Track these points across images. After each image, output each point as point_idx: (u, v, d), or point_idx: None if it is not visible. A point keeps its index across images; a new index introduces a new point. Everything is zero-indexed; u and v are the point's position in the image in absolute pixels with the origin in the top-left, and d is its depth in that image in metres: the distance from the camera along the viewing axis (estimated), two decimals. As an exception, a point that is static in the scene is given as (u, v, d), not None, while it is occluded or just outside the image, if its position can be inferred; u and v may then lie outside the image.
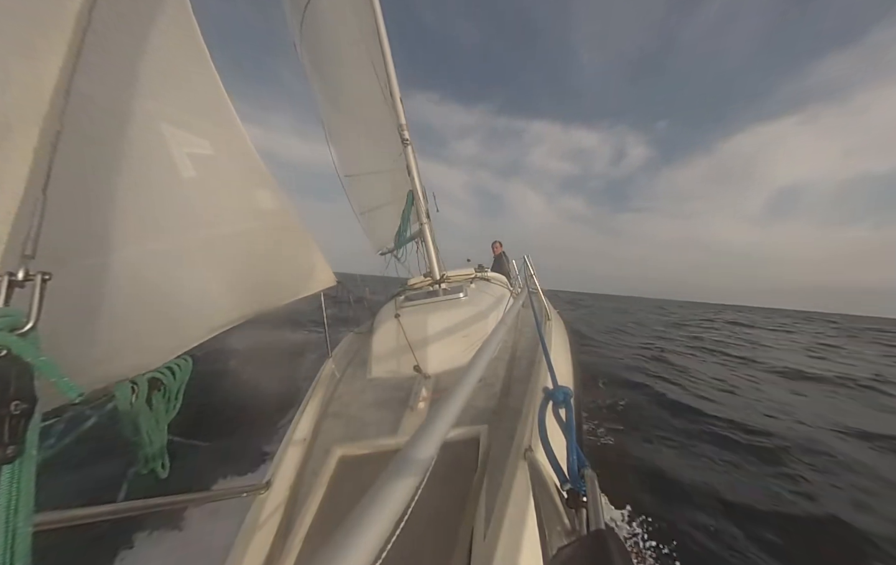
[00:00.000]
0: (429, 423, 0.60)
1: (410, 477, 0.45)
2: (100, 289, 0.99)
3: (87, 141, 0.93)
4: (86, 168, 0.93)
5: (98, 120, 0.96)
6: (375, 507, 0.40)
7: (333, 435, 1.89)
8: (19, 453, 0.57)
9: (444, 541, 1.13)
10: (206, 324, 1.32)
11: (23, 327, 0.63)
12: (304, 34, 4.25)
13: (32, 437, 0.59)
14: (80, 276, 0.93)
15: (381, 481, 0.44)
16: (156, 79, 1.11)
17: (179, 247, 1.20)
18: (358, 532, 0.36)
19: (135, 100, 1.06)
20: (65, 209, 0.87)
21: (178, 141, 1.18)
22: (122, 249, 1.03)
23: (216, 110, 1.32)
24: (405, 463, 0.47)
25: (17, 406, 0.57)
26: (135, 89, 1.06)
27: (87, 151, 0.94)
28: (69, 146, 0.81)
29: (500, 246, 6.30)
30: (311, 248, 1.89)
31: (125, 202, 1.03)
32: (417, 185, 3.29)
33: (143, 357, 1.12)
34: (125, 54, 1.03)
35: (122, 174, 1.02)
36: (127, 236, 1.04)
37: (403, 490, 0.43)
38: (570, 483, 0.71)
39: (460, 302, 2.82)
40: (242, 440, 3.66)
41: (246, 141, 1.42)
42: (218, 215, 1.34)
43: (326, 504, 1.44)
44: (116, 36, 0.99)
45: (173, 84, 1.17)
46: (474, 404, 1.87)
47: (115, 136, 1.00)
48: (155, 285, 1.12)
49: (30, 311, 0.65)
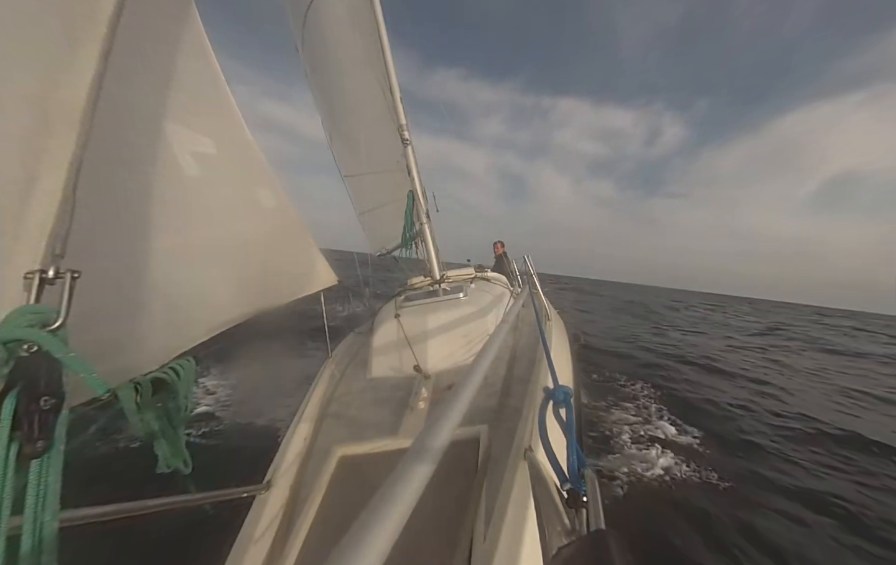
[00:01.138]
0: (434, 424, 0.59)
1: (417, 478, 0.45)
2: (99, 289, 0.99)
3: (104, 144, 0.93)
4: (98, 170, 0.94)
5: (107, 122, 0.96)
6: (385, 510, 0.39)
7: (333, 436, 1.89)
8: (48, 448, 0.58)
9: (444, 541, 1.13)
10: (205, 324, 1.32)
11: (53, 324, 0.64)
12: (306, 36, 4.26)
13: (60, 432, 0.60)
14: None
15: (389, 483, 0.44)
16: (159, 77, 1.11)
17: (180, 246, 1.20)
18: (368, 536, 0.36)
19: (139, 98, 1.06)
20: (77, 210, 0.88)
21: (182, 139, 1.18)
22: (122, 248, 1.03)
23: (219, 108, 1.32)
24: (412, 465, 0.47)
25: (46, 401, 0.58)
26: (140, 88, 1.06)
27: (101, 153, 0.94)
28: (93, 150, 0.82)
29: (501, 246, 6.32)
30: (312, 248, 1.89)
31: (127, 202, 1.03)
32: (417, 185, 3.29)
33: (142, 357, 1.12)
34: (130, 54, 1.03)
35: (126, 174, 1.02)
36: (128, 236, 1.04)
37: (411, 492, 0.43)
38: (571, 483, 0.71)
39: (460, 302, 2.82)
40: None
41: (249, 139, 1.42)
42: (220, 214, 1.35)
43: (326, 504, 1.44)
44: (123, 37, 1.00)
45: (176, 81, 1.17)
46: (474, 404, 1.86)
47: (118, 135, 1.01)
48: (155, 284, 1.12)
49: (59, 309, 0.66)
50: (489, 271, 4.51)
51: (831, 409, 6.01)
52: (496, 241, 6.39)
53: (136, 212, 1.06)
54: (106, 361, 1.03)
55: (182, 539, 2.42)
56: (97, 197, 0.96)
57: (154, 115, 1.10)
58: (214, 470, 3.09)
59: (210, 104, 1.30)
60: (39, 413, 0.57)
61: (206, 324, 1.32)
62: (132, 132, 1.04)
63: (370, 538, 0.36)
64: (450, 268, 3.64)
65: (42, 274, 0.67)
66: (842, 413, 5.88)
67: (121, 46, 0.87)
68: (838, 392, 7.14)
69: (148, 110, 1.08)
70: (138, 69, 1.05)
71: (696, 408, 5.44)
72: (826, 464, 4.11)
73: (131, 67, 1.03)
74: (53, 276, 0.68)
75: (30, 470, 0.56)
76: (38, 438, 0.57)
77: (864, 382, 8.07)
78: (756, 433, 4.76)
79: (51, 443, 0.58)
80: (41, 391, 0.58)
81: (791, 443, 4.55)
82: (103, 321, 1.00)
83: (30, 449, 0.56)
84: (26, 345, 0.60)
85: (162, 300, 1.16)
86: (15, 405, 0.55)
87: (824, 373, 8.94)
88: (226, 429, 3.93)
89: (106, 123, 0.94)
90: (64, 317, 0.66)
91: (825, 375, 8.64)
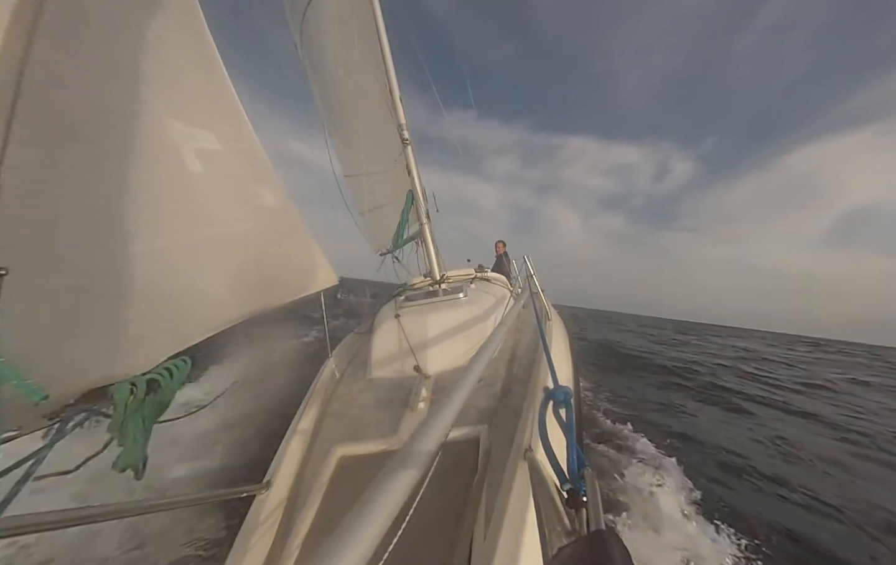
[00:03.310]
0: (427, 423, 0.60)
1: (408, 476, 0.45)
2: (98, 287, 0.99)
3: (89, 137, 0.93)
4: (85, 165, 0.93)
5: (101, 115, 0.95)
6: (372, 507, 0.40)
7: (333, 435, 1.89)
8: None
9: (444, 541, 1.13)
10: (204, 324, 1.32)
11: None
12: (305, 34, 4.26)
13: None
14: (77, 274, 0.93)
15: (378, 481, 0.44)
16: (161, 72, 1.11)
17: (181, 244, 1.20)
18: (354, 532, 0.36)
19: (140, 94, 1.05)
20: (59, 205, 0.87)
21: (184, 136, 1.17)
22: (122, 247, 1.02)
23: (223, 105, 1.31)
24: (403, 463, 0.47)
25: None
26: (141, 83, 1.05)
27: (91, 147, 0.93)
28: (76, 144, 0.81)
29: (502, 245, 6.29)
30: (313, 248, 1.89)
31: (127, 198, 1.03)
32: (417, 185, 3.29)
33: (141, 356, 1.12)
34: (131, 50, 1.03)
35: (125, 170, 1.02)
36: (128, 233, 1.04)
37: (400, 489, 0.43)
38: (570, 483, 0.71)
39: (460, 302, 2.82)
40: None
41: (252, 136, 1.41)
42: (221, 213, 1.34)
43: (326, 504, 1.44)
44: (124, 32, 0.99)
45: (176, 76, 1.16)
46: (474, 404, 1.87)
47: (117, 131, 1.00)
48: (155, 283, 1.12)
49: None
50: (489, 271, 4.51)
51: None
52: (498, 241, 6.37)
53: (138, 210, 1.06)
54: (106, 360, 1.03)
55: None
56: (95, 194, 0.96)
57: (151, 110, 1.08)
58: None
59: (211, 99, 1.28)
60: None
61: (205, 323, 1.32)
62: (129, 127, 1.03)
63: (356, 536, 0.36)
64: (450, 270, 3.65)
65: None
66: None
67: (116, 41, 0.86)
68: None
69: (144, 105, 1.06)
70: (133, 62, 1.04)
71: None
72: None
73: (124, 61, 1.02)
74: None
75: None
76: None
77: None
78: None
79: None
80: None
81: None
82: (99, 321, 1.00)
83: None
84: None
85: (159, 299, 1.15)
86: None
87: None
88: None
89: (93, 118, 0.93)
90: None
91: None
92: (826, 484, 4.14)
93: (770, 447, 5.10)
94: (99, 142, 0.96)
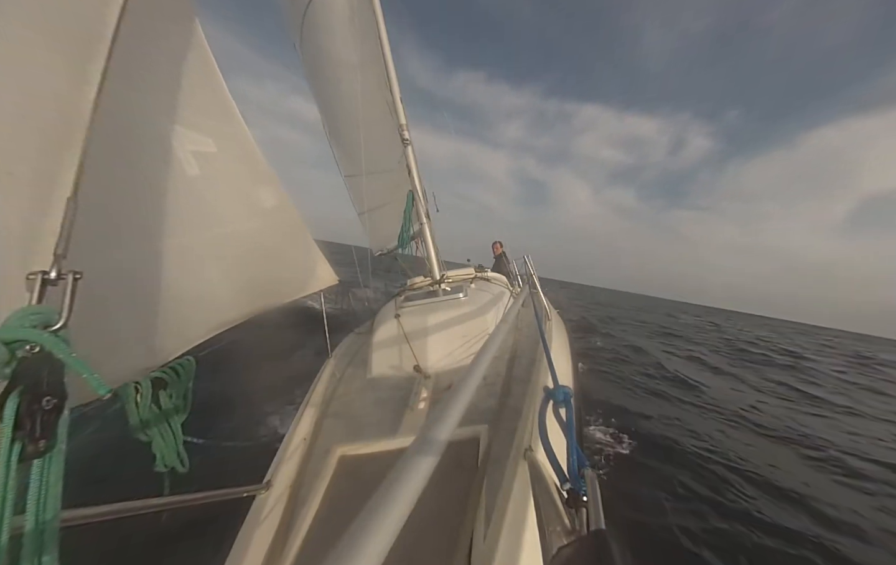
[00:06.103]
0: (433, 423, 0.60)
1: (416, 478, 0.45)
2: (100, 290, 0.99)
3: (104, 145, 0.94)
4: (100, 171, 0.94)
5: (108, 122, 0.96)
6: (383, 510, 0.39)
7: (333, 435, 1.89)
8: (49, 447, 0.58)
9: (444, 541, 1.13)
10: (206, 324, 1.32)
11: (55, 324, 0.65)
12: (305, 34, 4.26)
13: (62, 432, 0.61)
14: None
15: (387, 483, 0.44)
16: (160, 78, 1.11)
17: (181, 246, 1.20)
18: (367, 536, 0.36)
19: (141, 100, 1.06)
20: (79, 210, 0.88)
21: (183, 139, 1.18)
22: (123, 249, 1.03)
23: (220, 108, 1.32)
24: (411, 465, 0.47)
25: (48, 401, 0.58)
26: (142, 89, 1.06)
27: (104, 155, 0.94)
28: (94, 151, 0.83)
29: (500, 246, 6.31)
30: (313, 248, 1.89)
31: (129, 202, 1.03)
32: (417, 185, 3.29)
33: (143, 357, 1.12)
34: (132, 57, 1.03)
35: (127, 175, 1.03)
36: (129, 236, 1.04)
37: (409, 492, 0.43)
38: (571, 483, 0.71)
39: (460, 302, 2.82)
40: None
41: (249, 139, 1.42)
42: (221, 214, 1.35)
43: (326, 504, 1.44)
44: (126, 40, 1.00)
45: (177, 82, 1.17)
46: (474, 404, 1.87)
47: (120, 137, 1.01)
48: (156, 285, 1.13)
49: (62, 309, 0.67)
50: (489, 271, 4.51)
51: None
52: (495, 242, 6.38)
53: (138, 212, 1.06)
54: (107, 361, 1.03)
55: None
56: (99, 198, 0.97)
57: (155, 115, 1.10)
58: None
59: (210, 103, 1.30)
60: (42, 413, 0.58)
61: (207, 323, 1.32)
62: (133, 133, 1.04)
63: (368, 539, 0.36)
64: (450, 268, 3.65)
65: (44, 275, 0.68)
66: None
67: (122, 49, 0.87)
68: None
69: (149, 111, 1.08)
70: (140, 71, 1.05)
71: None
72: None
73: (133, 69, 1.03)
74: (56, 277, 0.68)
75: (32, 469, 0.57)
76: (40, 438, 0.57)
77: None
78: None
79: (52, 443, 0.59)
80: (43, 391, 0.58)
81: None
82: (105, 321, 1.00)
83: (32, 449, 0.56)
84: (29, 346, 0.60)
85: (162, 300, 1.16)
86: (17, 405, 0.56)
87: None
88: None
89: (108, 125, 0.94)
90: (66, 318, 0.67)
91: None
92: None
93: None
94: (101, 147, 0.96)
